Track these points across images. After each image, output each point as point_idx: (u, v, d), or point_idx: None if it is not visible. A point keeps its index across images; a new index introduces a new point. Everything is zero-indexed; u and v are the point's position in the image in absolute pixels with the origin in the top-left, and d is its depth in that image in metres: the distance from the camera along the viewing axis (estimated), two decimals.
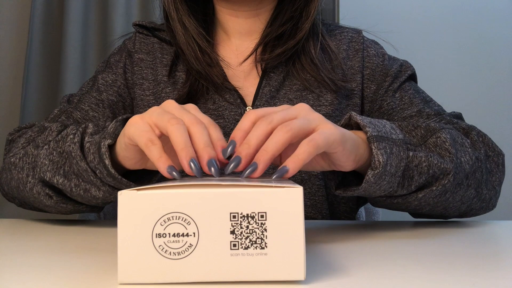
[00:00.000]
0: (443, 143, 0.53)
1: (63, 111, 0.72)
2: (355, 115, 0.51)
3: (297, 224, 0.30)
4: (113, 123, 0.50)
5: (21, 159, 0.59)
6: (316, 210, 0.69)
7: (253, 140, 0.40)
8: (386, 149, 0.48)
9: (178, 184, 0.30)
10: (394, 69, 0.74)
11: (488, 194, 0.60)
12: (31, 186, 0.57)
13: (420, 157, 0.50)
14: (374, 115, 0.74)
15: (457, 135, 0.56)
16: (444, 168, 0.51)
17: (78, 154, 0.52)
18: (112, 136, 0.49)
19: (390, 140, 0.49)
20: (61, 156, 0.55)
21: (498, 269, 0.35)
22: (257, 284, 0.30)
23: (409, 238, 0.50)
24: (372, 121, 0.50)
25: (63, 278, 0.33)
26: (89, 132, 0.54)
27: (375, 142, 0.47)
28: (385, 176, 0.48)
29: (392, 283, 0.31)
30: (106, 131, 0.50)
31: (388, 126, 0.51)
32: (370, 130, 0.48)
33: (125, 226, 0.29)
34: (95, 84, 0.76)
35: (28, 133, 0.63)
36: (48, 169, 0.55)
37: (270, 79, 0.71)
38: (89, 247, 0.44)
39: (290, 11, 0.71)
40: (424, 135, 0.54)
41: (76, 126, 0.56)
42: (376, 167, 0.47)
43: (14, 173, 0.60)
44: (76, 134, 0.54)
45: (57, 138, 0.57)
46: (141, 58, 0.76)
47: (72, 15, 1.30)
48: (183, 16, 0.71)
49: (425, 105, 0.71)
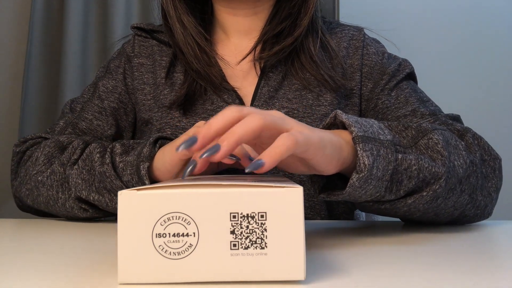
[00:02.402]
0: (435, 145, 0.49)
1: (69, 123, 0.76)
2: (341, 114, 0.47)
3: (297, 224, 0.30)
4: (147, 148, 0.57)
5: (48, 178, 0.64)
6: (315, 212, 0.69)
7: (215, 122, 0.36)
8: (372, 150, 0.44)
9: (178, 184, 0.30)
10: (392, 67, 0.73)
11: (484, 200, 0.56)
12: (63, 202, 0.63)
13: (410, 160, 0.46)
14: (369, 114, 0.73)
15: (450, 136, 0.52)
16: (436, 172, 0.47)
17: (112, 174, 0.58)
18: (149, 158, 0.56)
19: (378, 141, 0.45)
20: (90, 174, 0.61)
21: (498, 269, 0.35)
22: (257, 284, 0.30)
23: (409, 238, 0.50)
24: (358, 120, 0.46)
25: (63, 278, 0.33)
26: (118, 152, 0.60)
27: (360, 143, 0.43)
28: (371, 180, 0.44)
29: (392, 283, 0.31)
30: (142, 154, 0.57)
31: (376, 126, 0.47)
32: (355, 130, 0.44)
33: (125, 226, 0.29)
34: (96, 91, 0.77)
35: (46, 149, 0.67)
36: (83, 187, 0.61)
37: (269, 79, 0.71)
38: (89, 247, 0.44)
39: (288, 8, 0.71)
40: (415, 136, 0.50)
41: (99, 144, 0.63)
42: (361, 170, 0.43)
43: (42, 191, 0.65)
44: (105, 156, 0.60)
45: (83, 157, 0.63)
46: (141, 62, 0.76)
47: (72, 16, 1.30)
48: (181, 14, 0.71)
49: (421, 104, 0.69)
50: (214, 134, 0.36)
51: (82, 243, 0.47)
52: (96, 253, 0.41)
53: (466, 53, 1.42)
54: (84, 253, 0.42)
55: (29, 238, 0.50)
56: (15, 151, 0.72)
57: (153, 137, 0.59)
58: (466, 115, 0.74)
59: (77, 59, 1.30)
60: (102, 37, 1.34)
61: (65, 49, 1.30)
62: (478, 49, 1.42)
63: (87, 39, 1.33)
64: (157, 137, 0.60)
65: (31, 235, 0.52)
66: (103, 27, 1.33)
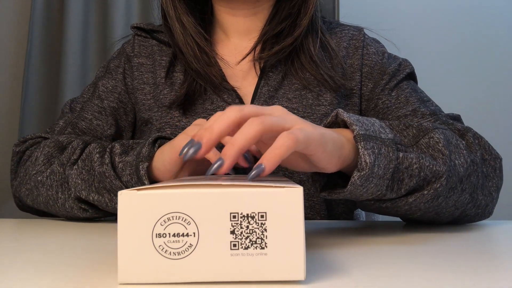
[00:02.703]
0: (436, 144, 0.49)
1: (69, 123, 0.75)
2: (342, 112, 0.47)
3: (297, 224, 0.30)
4: (146, 147, 0.57)
5: (48, 178, 0.64)
6: (315, 211, 0.69)
7: (216, 126, 0.37)
8: (374, 149, 0.44)
9: (178, 184, 0.30)
10: (392, 67, 0.73)
11: (484, 200, 0.56)
12: (63, 202, 0.63)
13: (411, 158, 0.47)
14: (369, 114, 0.73)
15: (451, 136, 0.52)
16: (437, 171, 0.48)
17: (112, 174, 0.58)
18: (148, 158, 0.56)
19: (379, 139, 0.45)
20: (89, 174, 0.61)
21: (498, 269, 0.35)
22: (257, 284, 0.30)
23: (409, 238, 0.50)
24: (359, 119, 0.46)
25: (63, 278, 0.33)
26: (117, 152, 0.60)
27: (362, 141, 0.44)
28: (372, 178, 0.44)
29: (392, 283, 0.31)
30: (141, 154, 0.57)
31: (377, 125, 0.47)
32: (357, 129, 0.44)
33: (125, 226, 0.29)
34: (96, 91, 0.77)
35: (45, 149, 0.67)
36: (82, 188, 0.61)
37: (269, 79, 0.71)
38: (89, 247, 0.44)
39: (288, 8, 0.71)
40: (416, 135, 0.50)
41: (98, 144, 0.63)
42: (363, 169, 0.43)
43: (42, 191, 0.65)
44: (105, 156, 0.60)
45: (82, 157, 0.63)
46: (141, 62, 0.76)
47: (72, 16, 1.30)
48: (181, 14, 0.71)
49: (421, 104, 0.69)
50: (217, 138, 0.37)
51: (82, 243, 0.47)
52: (96, 253, 0.41)
53: (466, 53, 1.42)
54: (84, 253, 0.42)
55: (29, 238, 0.50)
56: (15, 151, 0.72)
57: (152, 137, 0.59)
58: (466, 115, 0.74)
59: (77, 59, 1.30)
60: (102, 37, 1.34)
61: (65, 49, 1.30)
62: (478, 49, 1.42)
63: (87, 39, 1.33)
64: (156, 137, 0.59)
65: (31, 235, 0.52)
66: (103, 27, 1.33)
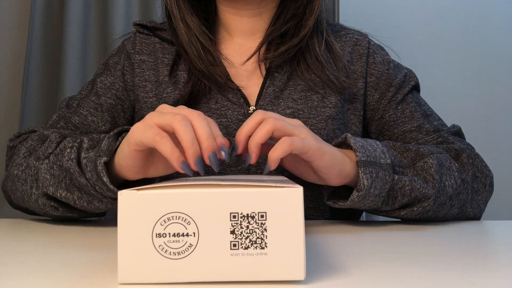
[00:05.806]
0: (429, 168, 0.58)
1: (62, 117, 0.72)
2: (350, 138, 0.55)
3: (297, 224, 0.30)
4: (105, 140, 0.52)
5: (23, 172, 0.60)
6: (319, 213, 0.69)
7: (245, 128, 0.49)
8: (372, 173, 0.53)
9: (178, 184, 0.30)
10: (398, 79, 0.74)
11: (473, 212, 0.64)
12: (36, 198, 0.58)
13: (404, 181, 0.55)
14: (375, 124, 0.75)
15: (445, 159, 0.61)
16: (426, 193, 0.56)
17: (76, 170, 0.53)
18: (107, 153, 0.50)
19: (378, 165, 0.54)
20: (61, 170, 0.56)
21: (498, 269, 0.35)
22: (257, 284, 0.30)
23: (409, 238, 0.50)
24: (364, 145, 0.55)
25: (63, 277, 0.33)
26: (84, 147, 0.55)
27: (362, 167, 0.53)
28: (368, 197, 0.54)
29: (392, 283, 0.31)
30: (100, 148, 0.51)
31: (379, 150, 0.56)
32: (359, 155, 0.53)
33: (125, 226, 0.29)
34: (94, 87, 0.75)
35: (28, 142, 0.64)
36: (50, 183, 0.56)
37: (274, 79, 0.70)
38: (89, 247, 0.44)
39: (293, 8, 0.71)
40: (414, 158, 0.59)
41: (73, 138, 0.58)
42: (361, 189, 0.53)
43: (18, 185, 0.61)
44: (72, 149, 0.55)
45: (56, 151, 0.58)
46: (143, 59, 0.76)
47: (72, 15, 1.30)
48: (185, 14, 0.70)
49: (425, 119, 0.73)
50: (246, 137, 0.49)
51: (82, 243, 0.47)
52: (96, 253, 0.41)
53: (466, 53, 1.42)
54: (84, 253, 0.42)
55: (29, 238, 0.50)
56: (9, 146, 0.69)
57: (115, 130, 0.54)
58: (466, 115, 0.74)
59: (77, 59, 1.30)
60: (102, 36, 1.34)
61: (65, 49, 1.30)
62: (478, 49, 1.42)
63: (87, 39, 1.33)
64: (120, 130, 0.54)
65: (31, 235, 0.52)
66: (103, 27, 1.33)
